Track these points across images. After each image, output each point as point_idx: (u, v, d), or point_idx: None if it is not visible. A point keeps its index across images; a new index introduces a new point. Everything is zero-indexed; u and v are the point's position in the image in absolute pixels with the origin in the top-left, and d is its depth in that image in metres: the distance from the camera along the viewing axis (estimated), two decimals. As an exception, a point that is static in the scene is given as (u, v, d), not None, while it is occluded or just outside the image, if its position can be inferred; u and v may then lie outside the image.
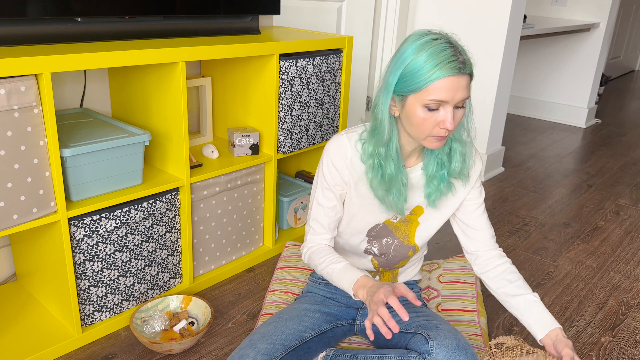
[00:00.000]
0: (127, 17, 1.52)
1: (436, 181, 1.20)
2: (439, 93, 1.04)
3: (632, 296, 1.84)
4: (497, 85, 2.69)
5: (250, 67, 1.82)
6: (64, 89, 1.69)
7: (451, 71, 1.02)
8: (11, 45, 1.32)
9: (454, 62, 1.02)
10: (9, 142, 1.21)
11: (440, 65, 1.02)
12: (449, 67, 1.02)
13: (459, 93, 1.05)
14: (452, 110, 1.06)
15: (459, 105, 1.07)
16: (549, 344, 1.17)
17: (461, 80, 1.04)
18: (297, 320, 1.25)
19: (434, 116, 1.07)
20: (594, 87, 3.93)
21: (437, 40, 1.04)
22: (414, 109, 1.07)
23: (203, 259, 1.78)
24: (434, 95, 1.04)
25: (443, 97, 1.04)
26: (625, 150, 3.48)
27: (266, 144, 1.87)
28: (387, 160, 1.15)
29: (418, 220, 1.29)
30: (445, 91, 1.03)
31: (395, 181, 1.17)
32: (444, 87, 1.03)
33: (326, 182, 1.24)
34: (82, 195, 1.42)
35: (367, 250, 1.33)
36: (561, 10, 3.95)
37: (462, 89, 1.05)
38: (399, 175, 1.17)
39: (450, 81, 1.03)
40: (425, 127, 1.08)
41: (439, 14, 2.78)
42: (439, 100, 1.04)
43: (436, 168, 1.20)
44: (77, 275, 1.44)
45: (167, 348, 1.44)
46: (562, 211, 2.51)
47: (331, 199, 1.25)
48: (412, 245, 1.32)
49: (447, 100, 1.04)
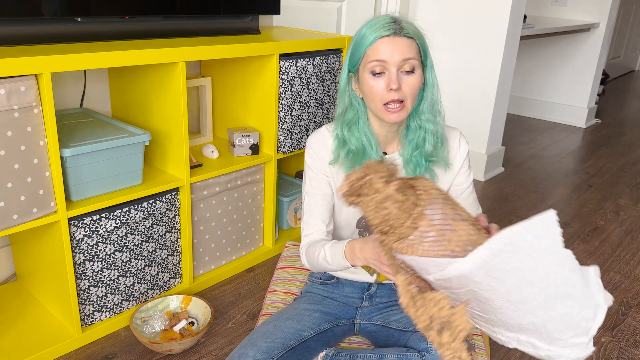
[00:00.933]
0: (127, 17, 1.52)
1: (412, 165, 1.22)
2: (376, 53, 1.10)
3: (632, 296, 1.84)
4: (497, 85, 2.69)
5: (250, 67, 1.82)
6: (64, 89, 1.69)
7: (385, 32, 1.09)
8: (11, 45, 1.32)
9: (388, 24, 1.10)
10: (9, 142, 1.21)
11: (375, 29, 1.10)
12: (383, 29, 1.10)
13: (397, 53, 1.10)
14: (396, 71, 1.11)
15: (406, 69, 1.11)
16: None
17: (398, 41, 1.10)
18: (297, 319, 1.25)
19: (381, 81, 1.12)
20: (594, 87, 3.93)
21: (380, 17, 1.13)
22: (364, 79, 1.14)
23: (203, 259, 1.78)
24: (372, 56, 1.11)
25: (381, 56, 1.10)
26: (625, 150, 3.48)
27: (266, 144, 1.87)
28: (352, 138, 1.20)
29: None
30: (382, 51, 1.10)
31: (365, 157, 1.21)
32: (380, 47, 1.10)
33: (312, 171, 1.28)
34: (82, 195, 1.43)
35: None
36: (561, 10, 3.95)
37: (400, 50, 1.10)
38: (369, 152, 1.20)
39: (385, 41, 1.10)
40: (376, 94, 1.13)
41: (439, 14, 2.78)
42: (378, 60, 1.10)
43: (411, 151, 1.22)
44: (77, 275, 1.44)
45: (167, 348, 1.44)
46: (562, 211, 2.51)
47: (320, 187, 1.28)
48: None
49: (385, 59, 1.10)
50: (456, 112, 2.87)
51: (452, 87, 2.84)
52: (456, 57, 2.79)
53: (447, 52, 2.81)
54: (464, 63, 2.77)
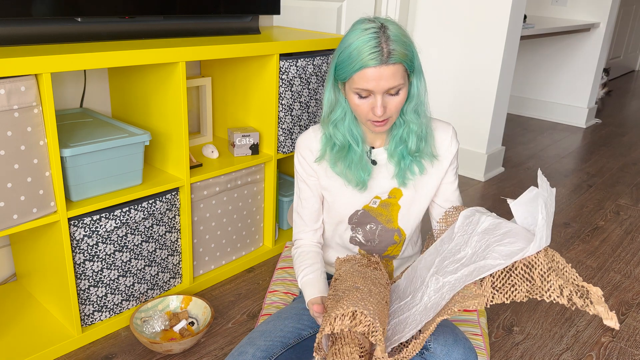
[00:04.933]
0: (127, 17, 1.52)
1: (396, 157, 1.24)
2: (362, 82, 1.10)
3: (632, 296, 1.84)
4: (497, 85, 2.69)
5: (250, 67, 1.82)
6: (64, 89, 1.69)
7: (371, 62, 1.07)
8: (11, 45, 1.32)
9: (375, 53, 1.07)
10: (9, 142, 1.21)
11: (361, 57, 1.07)
12: (369, 58, 1.07)
13: (383, 82, 1.09)
14: (381, 97, 1.11)
15: (391, 93, 1.12)
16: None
17: (384, 71, 1.08)
18: (296, 318, 1.25)
19: (366, 103, 1.13)
20: (594, 87, 3.93)
21: (367, 30, 1.09)
22: (350, 95, 1.15)
23: (203, 259, 1.78)
24: (358, 84, 1.10)
25: (366, 86, 1.10)
26: (625, 150, 3.48)
27: (266, 144, 1.87)
28: (337, 134, 1.22)
29: (399, 203, 1.31)
30: (367, 81, 1.09)
31: (350, 153, 1.22)
32: (365, 77, 1.09)
33: (299, 174, 1.32)
34: (82, 195, 1.42)
35: (352, 239, 1.34)
36: (561, 10, 3.95)
37: (386, 79, 1.09)
38: (354, 148, 1.22)
39: (371, 72, 1.08)
40: (360, 112, 1.15)
41: (439, 14, 2.78)
42: (364, 89, 1.10)
43: (394, 146, 1.24)
44: (77, 275, 1.44)
45: (167, 348, 1.44)
46: (562, 211, 2.51)
47: (305, 190, 1.32)
48: (396, 228, 1.32)
49: (371, 89, 1.10)
50: (456, 112, 2.87)
51: (452, 87, 2.84)
52: (456, 57, 2.79)
53: (447, 52, 2.81)
54: (464, 63, 2.77)
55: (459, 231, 1.13)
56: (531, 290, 0.92)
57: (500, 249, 1.00)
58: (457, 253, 1.09)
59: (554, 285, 0.90)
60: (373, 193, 1.28)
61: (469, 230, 1.11)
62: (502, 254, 0.98)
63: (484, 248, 1.03)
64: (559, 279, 0.90)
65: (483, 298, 0.94)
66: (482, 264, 1.00)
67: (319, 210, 1.34)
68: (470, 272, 1.01)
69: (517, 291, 0.93)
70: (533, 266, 0.95)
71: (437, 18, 2.79)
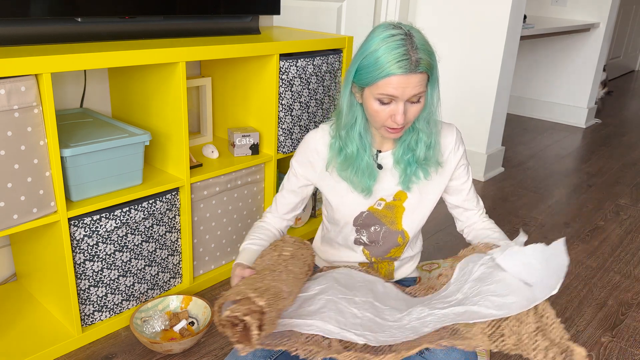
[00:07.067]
0: (127, 17, 1.52)
1: (403, 164, 1.25)
2: (388, 89, 1.09)
3: (632, 296, 1.84)
4: (497, 85, 2.70)
5: (250, 67, 1.82)
6: (64, 89, 1.69)
7: (399, 70, 1.07)
8: (11, 45, 1.32)
9: (404, 61, 1.07)
10: (9, 142, 1.21)
11: (390, 64, 1.07)
12: (398, 66, 1.07)
13: (409, 90, 1.09)
14: (403, 104, 1.11)
15: (413, 101, 1.12)
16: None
17: (411, 79, 1.08)
18: (296, 318, 1.25)
19: (387, 109, 1.13)
20: (594, 87, 3.93)
21: (394, 37, 1.08)
22: (369, 101, 1.14)
23: (203, 258, 1.78)
24: (383, 90, 1.10)
25: (392, 92, 1.09)
26: (625, 150, 3.48)
27: (266, 144, 1.87)
28: (348, 142, 1.22)
29: (403, 205, 1.31)
30: (393, 88, 1.09)
31: (357, 160, 1.23)
32: (392, 84, 1.09)
33: (293, 168, 1.33)
34: (82, 195, 1.43)
35: (357, 241, 1.34)
36: (561, 10, 3.95)
37: (412, 87, 1.09)
38: (362, 155, 1.22)
39: (398, 79, 1.08)
40: (378, 118, 1.15)
41: (439, 14, 2.78)
42: (388, 95, 1.10)
43: (402, 153, 1.25)
44: (77, 275, 1.44)
45: (167, 348, 1.44)
46: (562, 211, 2.51)
47: (292, 184, 1.34)
48: (400, 230, 1.32)
49: (396, 95, 1.10)
50: (456, 112, 2.87)
51: (453, 86, 2.84)
52: (456, 57, 2.79)
53: (447, 52, 2.81)
54: (464, 63, 2.77)
55: (454, 282, 1.17)
56: (518, 344, 0.94)
57: (493, 298, 1.02)
58: (447, 297, 1.12)
59: (541, 346, 0.92)
60: (378, 196, 1.29)
61: (462, 279, 1.15)
62: (495, 304, 1.01)
63: (476, 294, 1.06)
64: (545, 340, 0.93)
65: (472, 342, 0.95)
66: (474, 309, 1.02)
67: (295, 205, 1.36)
68: (461, 312, 1.03)
69: (505, 343, 0.95)
70: (522, 322, 0.97)
71: (437, 18, 2.79)
